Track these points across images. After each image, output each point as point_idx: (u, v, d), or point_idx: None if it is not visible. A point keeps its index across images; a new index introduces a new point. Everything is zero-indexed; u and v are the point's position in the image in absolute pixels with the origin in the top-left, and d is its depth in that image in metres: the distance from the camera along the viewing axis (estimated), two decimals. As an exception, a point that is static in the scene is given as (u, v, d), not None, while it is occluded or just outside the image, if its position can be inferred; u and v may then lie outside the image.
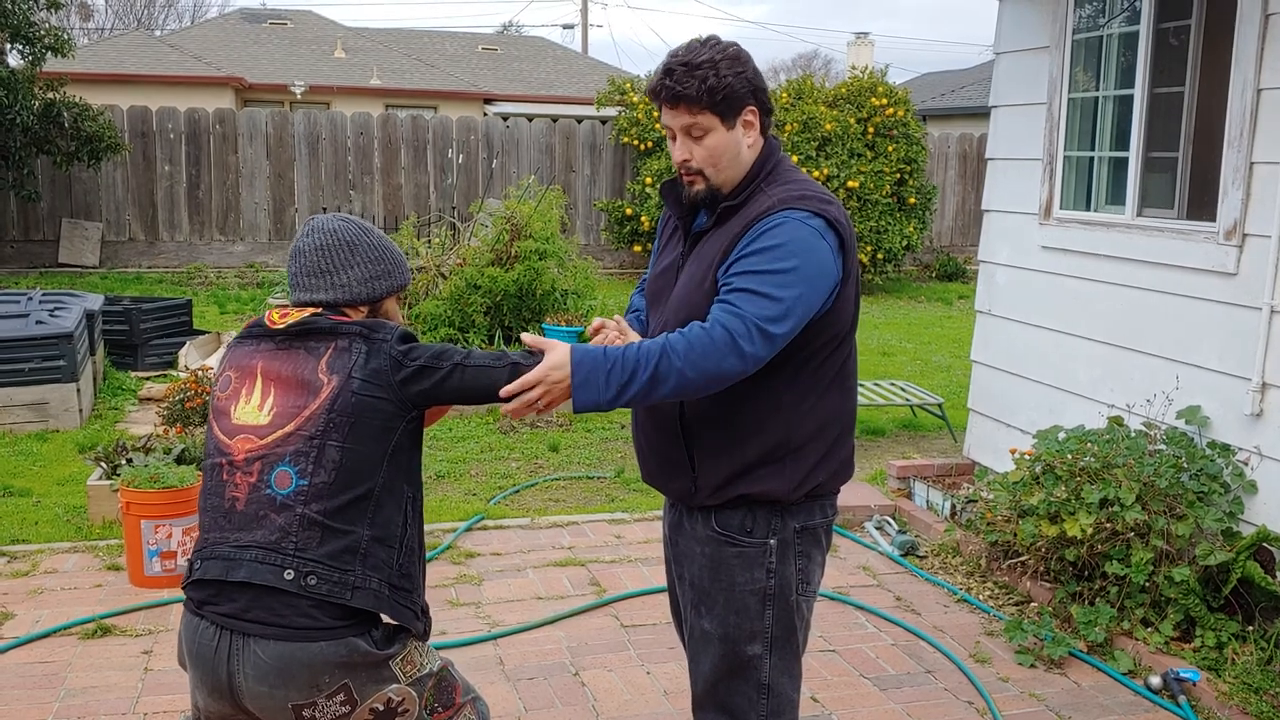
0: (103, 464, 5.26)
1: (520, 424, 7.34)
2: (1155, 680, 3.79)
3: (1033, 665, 4.01)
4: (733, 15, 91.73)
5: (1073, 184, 5.28)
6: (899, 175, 14.68)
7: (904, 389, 7.43)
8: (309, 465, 2.13)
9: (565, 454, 6.74)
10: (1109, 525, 4.09)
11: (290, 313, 2.28)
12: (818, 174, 13.76)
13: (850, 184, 14.02)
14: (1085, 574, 4.29)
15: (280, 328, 2.25)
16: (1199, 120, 4.65)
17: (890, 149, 14.60)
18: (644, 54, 76.92)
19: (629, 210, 15.08)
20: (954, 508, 5.37)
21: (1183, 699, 3.70)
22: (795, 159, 13.67)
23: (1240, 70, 4.24)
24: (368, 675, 2.15)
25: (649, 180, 14.59)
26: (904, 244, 14.62)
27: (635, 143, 15.34)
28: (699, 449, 2.38)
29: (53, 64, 13.27)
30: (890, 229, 14.43)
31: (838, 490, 2.50)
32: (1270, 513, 4.11)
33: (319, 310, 2.28)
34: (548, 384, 2.17)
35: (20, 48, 12.70)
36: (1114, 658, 4.01)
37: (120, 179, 14.43)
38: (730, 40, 2.34)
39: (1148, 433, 4.44)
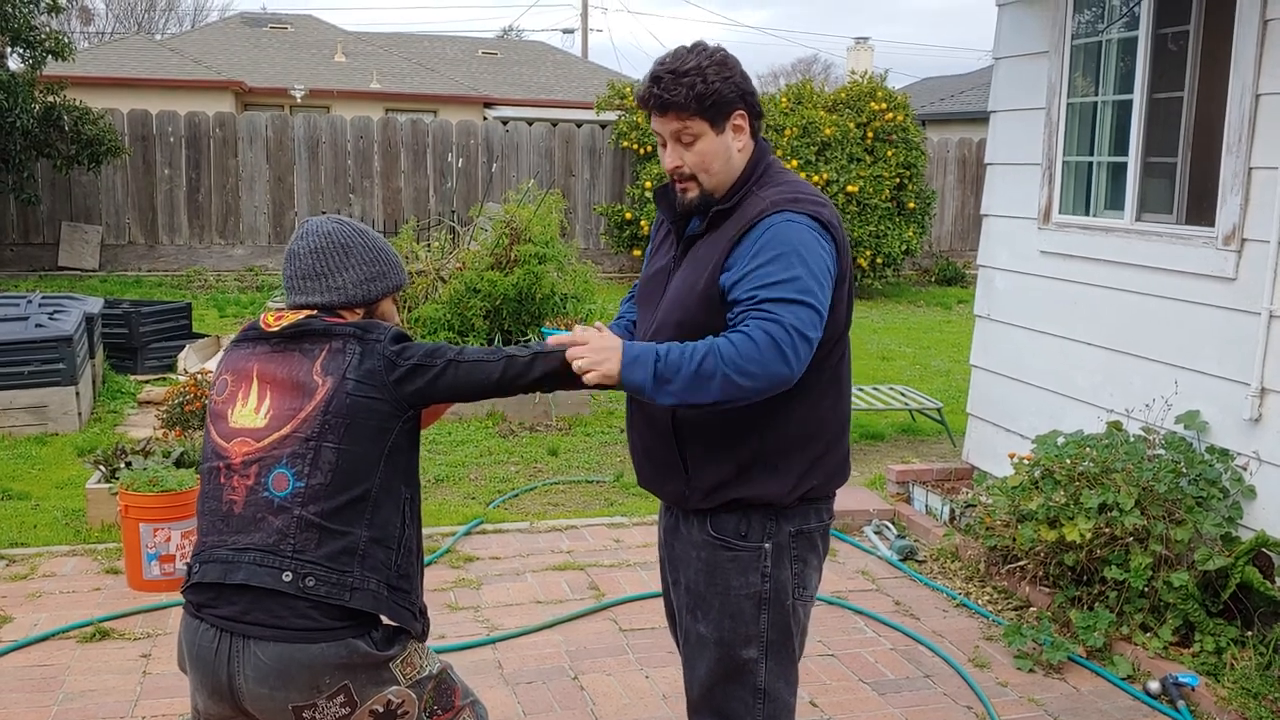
0: (102, 467, 5.26)
1: (519, 428, 7.34)
2: (1154, 685, 3.79)
3: (1032, 670, 4.01)
4: (732, 20, 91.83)
5: (1072, 189, 5.28)
6: (898, 180, 14.71)
7: (903, 393, 7.43)
8: (306, 467, 2.13)
9: (564, 458, 6.74)
10: (1108, 530, 4.09)
11: (285, 315, 2.28)
12: (817, 178, 13.77)
13: (850, 188, 14.04)
14: (1084, 579, 4.29)
15: (275, 330, 2.25)
16: (1198, 125, 4.65)
17: (889, 154, 14.62)
18: (644, 59, 77.04)
19: (628, 214, 15.09)
20: (953, 512, 5.37)
21: (1181, 704, 3.70)
22: (794, 164, 13.68)
23: (1239, 75, 4.25)
24: (368, 676, 2.15)
25: (648, 184, 14.59)
26: (903, 249, 14.63)
27: (635, 147, 15.35)
28: (692, 452, 2.38)
29: (53, 67, 13.28)
30: (889, 234, 14.44)
31: (833, 494, 2.49)
32: (1269, 518, 4.11)
33: (314, 312, 2.28)
34: (595, 345, 2.20)
35: (21, 51, 12.72)
36: (1113, 663, 4.01)
37: (120, 182, 14.43)
38: (717, 45, 2.35)
39: (1147, 438, 4.44)
